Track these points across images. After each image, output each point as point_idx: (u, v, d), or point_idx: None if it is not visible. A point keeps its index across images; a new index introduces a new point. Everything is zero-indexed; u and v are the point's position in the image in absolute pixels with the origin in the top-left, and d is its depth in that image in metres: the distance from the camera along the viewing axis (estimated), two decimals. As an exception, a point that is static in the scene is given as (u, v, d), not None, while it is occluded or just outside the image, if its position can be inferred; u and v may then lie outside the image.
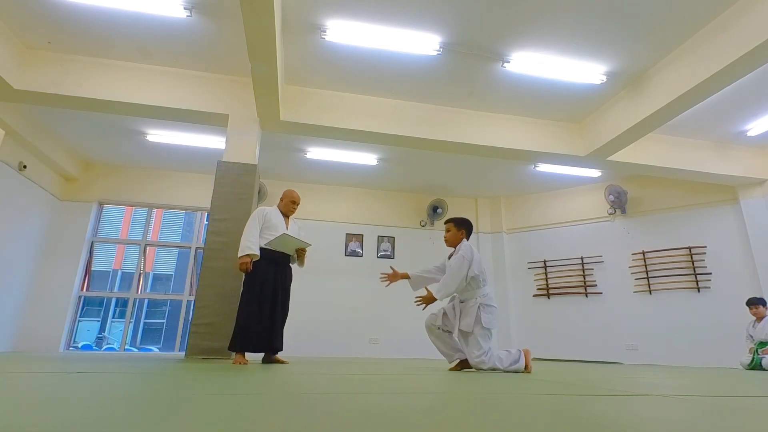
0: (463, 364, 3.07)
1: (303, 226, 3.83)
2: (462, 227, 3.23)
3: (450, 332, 3.09)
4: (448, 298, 3.13)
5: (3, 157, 5.23)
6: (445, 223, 3.31)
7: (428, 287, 3.16)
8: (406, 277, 3.30)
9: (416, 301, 3.08)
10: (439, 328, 3.11)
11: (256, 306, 3.26)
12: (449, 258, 3.16)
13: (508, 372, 2.80)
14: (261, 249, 3.40)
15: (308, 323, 6.41)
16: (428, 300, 3.04)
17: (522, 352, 2.91)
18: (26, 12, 3.89)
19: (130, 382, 1.64)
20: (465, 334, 2.95)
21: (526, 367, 2.87)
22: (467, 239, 3.20)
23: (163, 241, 19.41)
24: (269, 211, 3.54)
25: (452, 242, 3.21)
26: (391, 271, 3.33)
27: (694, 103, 4.28)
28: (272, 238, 3.35)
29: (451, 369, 3.07)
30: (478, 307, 2.94)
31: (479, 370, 2.88)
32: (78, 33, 4.15)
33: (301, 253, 3.49)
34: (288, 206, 3.62)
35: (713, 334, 5.82)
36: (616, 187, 6.82)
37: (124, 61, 4.55)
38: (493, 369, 2.84)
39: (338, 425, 0.84)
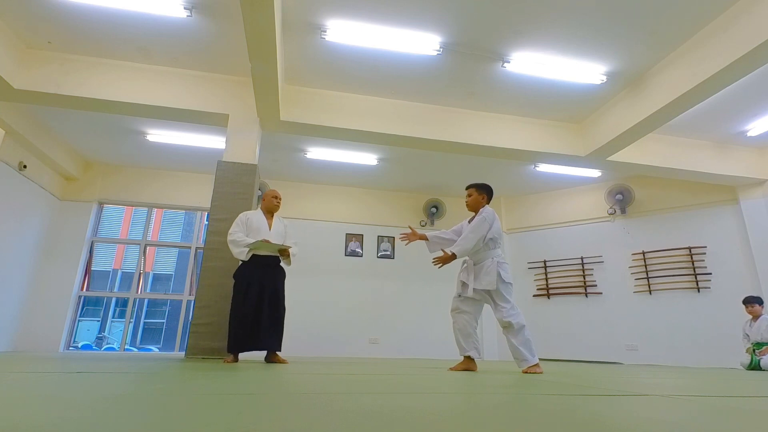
0: (465, 365, 3.08)
1: (290, 224, 3.86)
2: (483, 191, 3.32)
3: (473, 299, 3.14)
4: (461, 264, 3.27)
5: (3, 157, 5.23)
6: (467, 188, 3.37)
7: (444, 250, 3.20)
8: (423, 238, 3.39)
9: (433, 262, 3.14)
10: (460, 296, 3.19)
11: (242, 309, 3.35)
12: (469, 222, 3.27)
13: (520, 350, 2.90)
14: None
15: (308, 323, 6.42)
16: (445, 259, 3.09)
17: (537, 360, 2.95)
18: (26, 12, 3.89)
19: (130, 382, 1.64)
20: (489, 293, 3.06)
21: (530, 366, 2.88)
22: (488, 203, 3.30)
23: (163, 241, 19.41)
24: (251, 215, 3.61)
25: (473, 207, 3.30)
26: (409, 231, 3.39)
27: (694, 103, 4.28)
28: (252, 242, 3.43)
29: (451, 369, 3.08)
30: (497, 264, 3.06)
31: (509, 328, 2.94)
32: (78, 33, 4.15)
33: (284, 253, 3.53)
34: (270, 202, 3.69)
35: (713, 334, 5.82)
36: (622, 187, 6.82)
37: (124, 61, 4.55)
38: (521, 328, 2.92)
39: (338, 425, 0.84)
